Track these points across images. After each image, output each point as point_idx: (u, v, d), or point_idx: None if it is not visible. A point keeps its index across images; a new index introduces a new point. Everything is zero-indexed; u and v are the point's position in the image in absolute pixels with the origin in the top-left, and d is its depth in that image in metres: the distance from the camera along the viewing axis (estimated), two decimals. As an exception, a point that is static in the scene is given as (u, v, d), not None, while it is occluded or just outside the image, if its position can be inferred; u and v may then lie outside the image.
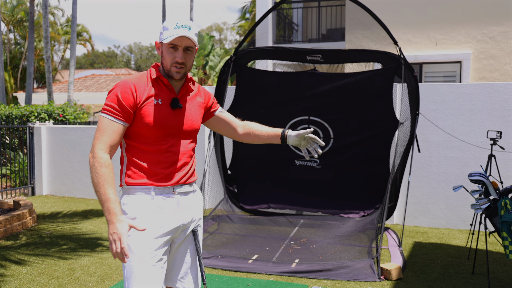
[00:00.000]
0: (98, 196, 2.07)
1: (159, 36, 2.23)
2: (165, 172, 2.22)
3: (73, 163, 8.58)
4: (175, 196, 2.25)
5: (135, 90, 2.16)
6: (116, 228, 2.00)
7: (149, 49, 55.04)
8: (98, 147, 2.11)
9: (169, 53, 2.19)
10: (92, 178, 2.08)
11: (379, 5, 9.76)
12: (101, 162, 2.08)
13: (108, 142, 2.12)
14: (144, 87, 2.19)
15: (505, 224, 3.89)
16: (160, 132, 2.20)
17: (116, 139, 2.15)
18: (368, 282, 4.29)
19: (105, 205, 2.04)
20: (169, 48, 2.18)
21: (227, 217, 6.31)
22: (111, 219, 2.02)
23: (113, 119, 2.13)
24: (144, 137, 2.20)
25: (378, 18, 5.52)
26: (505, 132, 5.92)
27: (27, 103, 14.42)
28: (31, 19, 15.45)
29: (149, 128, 2.17)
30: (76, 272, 4.57)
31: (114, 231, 2.00)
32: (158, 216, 2.19)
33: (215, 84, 14.23)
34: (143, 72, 2.28)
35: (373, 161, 6.23)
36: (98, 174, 2.07)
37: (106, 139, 2.12)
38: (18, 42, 28.40)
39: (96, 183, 2.07)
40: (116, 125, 2.14)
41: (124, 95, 2.14)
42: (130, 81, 2.19)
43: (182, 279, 2.36)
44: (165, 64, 2.22)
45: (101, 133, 2.13)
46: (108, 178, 2.08)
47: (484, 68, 9.80)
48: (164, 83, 2.24)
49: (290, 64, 7.08)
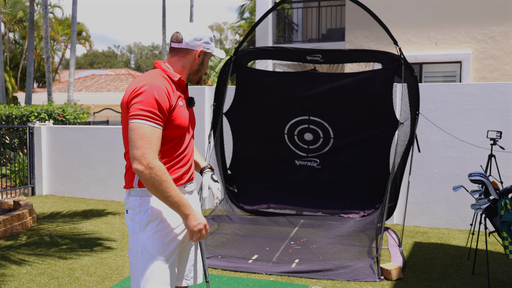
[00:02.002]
0: (168, 200, 2.08)
1: (203, 44, 2.27)
2: (180, 172, 2.26)
3: (73, 163, 8.58)
4: (185, 195, 2.30)
5: (168, 94, 2.14)
6: (199, 219, 2.16)
7: (149, 49, 55.02)
8: (150, 157, 2.03)
9: (207, 62, 2.33)
10: (157, 187, 2.04)
11: (379, 5, 9.76)
12: (162, 170, 2.05)
13: (156, 150, 2.07)
14: (171, 90, 2.19)
15: (505, 224, 3.89)
16: (183, 132, 2.24)
17: (160, 144, 2.12)
18: (368, 282, 4.29)
19: (181, 203, 2.10)
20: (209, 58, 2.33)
21: (227, 217, 6.31)
22: (191, 212, 2.14)
23: (156, 126, 2.08)
24: (167, 139, 2.19)
25: (378, 18, 5.52)
26: (505, 132, 5.92)
27: (27, 103, 14.42)
28: (31, 19, 15.44)
29: (176, 130, 2.20)
30: (76, 272, 4.58)
31: (198, 222, 2.15)
32: (175, 217, 2.22)
33: (215, 84, 14.24)
34: (157, 73, 2.22)
35: (373, 161, 6.23)
36: (165, 181, 2.05)
37: (155, 147, 2.06)
38: (18, 41, 28.39)
39: (164, 189, 2.06)
40: (159, 132, 2.09)
41: (161, 99, 2.09)
42: (160, 83, 2.14)
43: (187, 276, 2.41)
44: (202, 72, 2.32)
45: (148, 142, 2.04)
46: (173, 182, 2.10)
47: (484, 68, 9.80)
48: (180, 84, 2.27)
49: (290, 64, 7.08)
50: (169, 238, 2.19)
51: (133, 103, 2.07)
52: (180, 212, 2.11)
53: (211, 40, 2.30)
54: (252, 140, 6.67)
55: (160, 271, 2.17)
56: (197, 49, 2.25)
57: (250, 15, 28.17)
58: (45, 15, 14.57)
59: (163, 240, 2.18)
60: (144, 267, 2.16)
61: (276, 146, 6.55)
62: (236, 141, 6.72)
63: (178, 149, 2.24)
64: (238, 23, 29.12)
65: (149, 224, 2.16)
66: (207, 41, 2.27)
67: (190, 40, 2.23)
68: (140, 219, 2.18)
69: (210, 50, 2.29)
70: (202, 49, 2.26)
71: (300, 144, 6.49)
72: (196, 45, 2.24)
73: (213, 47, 2.31)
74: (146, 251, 2.16)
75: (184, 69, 2.27)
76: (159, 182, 2.03)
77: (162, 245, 2.17)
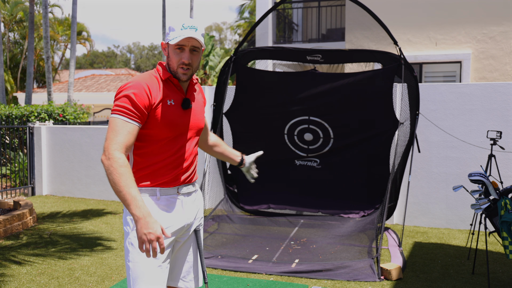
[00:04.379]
0: (121, 196, 1.98)
1: (165, 37, 2.19)
2: (172, 174, 2.22)
3: (73, 163, 8.58)
4: (179, 197, 2.25)
5: (149, 91, 2.12)
6: (151, 228, 1.94)
7: (149, 49, 55.02)
8: (112, 148, 2.01)
9: (175, 54, 2.16)
10: (112, 179, 1.98)
11: (379, 5, 9.76)
12: (120, 162, 1.99)
13: (123, 143, 2.04)
14: (157, 88, 2.16)
15: (505, 224, 3.89)
16: (172, 133, 2.19)
17: (131, 140, 2.08)
18: (368, 282, 4.29)
19: (133, 203, 1.96)
20: (175, 49, 2.16)
21: (227, 217, 6.31)
22: (143, 216, 1.95)
23: (127, 120, 2.07)
24: (154, 139, 2.17)
25: (378, 18, 5.52)
26: (505, 132, 5.92)
27: (27, 103, 14.42)
28: (31, 19, 15.44)
29: (163, 130, 2.16)
30: (76, 272, 4.57)
31: (149, 231, 1.93)
32: (165, 218, 2.19)
33: (215, 84, 14.24)
34: (149, 73, 2.23)
35: (373, 161, 6.23)
36: (118, 174, 1.97)
37: (121, 139, 2.04)
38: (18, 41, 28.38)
39: (117, 183, 1.97)
40: (130, 126, 2.07)
41: (138, 96, 2.08)
42: (142, 81, 2.14)
43: (184, 278, 2.37)
44: (171, 65, 2.19)
45: (115, 134, 2.04)
46: (130, 177, 1.99)
47: (484, 68, 9.80)
48: (173, 84, 2.23)
49: (290, 64, 7.09)
50: None
51: (114, 100, 2.13)
52: (130, 212, 1.97)
53: (169, 29, 2.16)
54: (252, 140, 6.67)
55: (149, 271, 2.14)
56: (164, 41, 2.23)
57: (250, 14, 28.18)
58: (45, 15, 14.57)
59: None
60: (134, 266, 2.15)
61: (276, 146, 6.55)
62: (236, 141, 6.72)
63: (169, 149, 2.20)
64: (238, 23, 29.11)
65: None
66: (167, 32, 2.18)
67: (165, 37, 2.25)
68: (130, 218, 2.16)
69: (168, 40, 2.17)
70: (163, 42, 2.24)
71: (300, 144, 6.49)
72: (165, 40, 2.22)
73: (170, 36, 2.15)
74: (134, 251, 2.15)
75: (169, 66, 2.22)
76: (114, 174, 1.97)
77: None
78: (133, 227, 2.15)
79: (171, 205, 2.22)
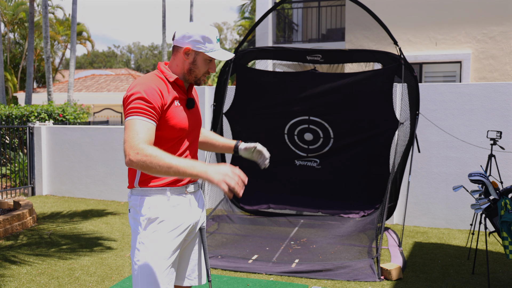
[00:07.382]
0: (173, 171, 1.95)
1: (196, 44, 2.17)
2: None
3: (73, 163, 8.58)
4: (187, 196, 2.27)
5: (160, 92, 2.12)
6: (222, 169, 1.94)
7: (149, 49, 55.01)
8: (136, 143, 1.97)
9: (205, 63, 2.22)
10: (153, 168, 1.94)
11: (379, 5, 9.76)
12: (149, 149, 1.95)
13: (144, 138, 2.00)
14: (165, 90, 2.17)
15: (505, 224, 3.89)
16: (181, 133, 2.22)
17: (152, 137, 2.05)
18: (368, 282, 4.29)
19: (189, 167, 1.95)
20: (206, 59, 2.21)
21: (227, 217, 6.31)
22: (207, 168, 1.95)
23: (146, 119, 2.05)
24: (164, 140, 2.18)
25: (378, 18, 5.52)
26: (505, 132, 5.92)
27: (27, 103, 14.43)
28: (31, 19, 15.45)
29: (173, 131, 2.17)
30: (76, 272, 4.58)
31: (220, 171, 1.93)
32: (176, 216, 2.21)
33: (215, 84, 14.24)
34: (152, 74, 2.22)
35: (373, 161, 6.23)
36: (156, 158, 1.93)
37: (142, 136, 2.00)
38: (18, 41, 28.39)
39: (161, 165, 1.93)
40: (150, 125, 2.05)
41: (151, 96, 2.08)
42: (151, 83, 2.13)
43: (189, 276, 2.39)
44: (196, 73, 2.23)
45: (136, 133, 2.00)
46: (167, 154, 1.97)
47: (484, 68, 9.80)
48: (178, 85, 2.24)
49: (290, 64, 7.08)
50: (170, 238, 2.18)
51: (125, 105, 2.11)
52: (195, 175, 1.95)
53: (204, 39, 2.16)
54: (252, 140, 6.65)
55: (159, 271, 2.15)
56: (183, 46, 2.19)
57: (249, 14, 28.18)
58: (45, 15, 14.58)
59: (163, 239, 2.16)
60: (143, 266, 2.15)
61: (276, 146, 6.54)
62: (235, 141, 6.71)
63: (176, 150, 2.22)
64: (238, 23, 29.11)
65: (149, 224, 2.16)
66: (197, 39, 2.16)
67: (178, 38, 2.19)
68: (141, 218, 2.18)
69: (202, 50, 2.17)
70: (189, 47, 2.18)
71: (300, 144, 6.49)
72: (183, 42, 2.19)
73: (206, 47, 2.17)
74: (145, 250, 2.15)
75: (178, 68, 2.23)
76: (156, 160, 1.94)
77: (162, 245, 2.16)
78: (145, 227, 2.16)
79: (181, 204, 2.24)
